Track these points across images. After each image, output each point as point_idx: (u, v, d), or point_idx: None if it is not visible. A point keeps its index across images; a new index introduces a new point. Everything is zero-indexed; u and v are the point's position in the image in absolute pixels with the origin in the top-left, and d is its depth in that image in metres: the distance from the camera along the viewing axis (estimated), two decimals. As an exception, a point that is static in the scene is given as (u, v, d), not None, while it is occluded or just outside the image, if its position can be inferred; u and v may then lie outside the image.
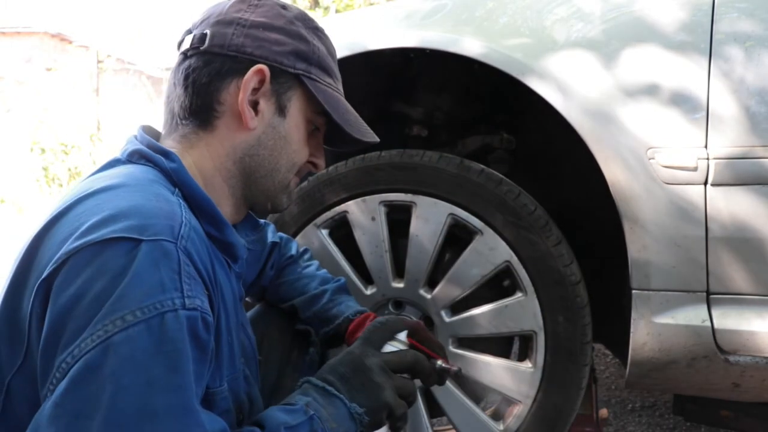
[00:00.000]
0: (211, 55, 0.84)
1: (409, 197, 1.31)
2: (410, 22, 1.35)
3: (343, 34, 1.36)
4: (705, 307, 1.16)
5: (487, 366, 1.32)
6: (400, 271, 1.34)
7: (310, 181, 1.38)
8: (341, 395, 0.81)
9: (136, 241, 0.65)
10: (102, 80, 12.80)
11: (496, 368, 1.31)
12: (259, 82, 0.84)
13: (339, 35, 1.25)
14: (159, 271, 0.65)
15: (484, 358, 1.32)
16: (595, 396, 1.51)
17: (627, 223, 1.17)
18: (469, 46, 1.25)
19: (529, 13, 1.26)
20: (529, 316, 1.28)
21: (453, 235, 1.33)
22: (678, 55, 1.15)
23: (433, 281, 1.33)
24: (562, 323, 1.27)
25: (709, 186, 1.13)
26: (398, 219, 1.34)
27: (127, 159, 0.82)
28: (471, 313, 1.31)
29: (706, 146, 1.13)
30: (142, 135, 0.85)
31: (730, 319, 1.16)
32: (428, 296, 1.32)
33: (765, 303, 1.15)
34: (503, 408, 1.35)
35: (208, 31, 0.84)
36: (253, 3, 0.87)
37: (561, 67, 1.20)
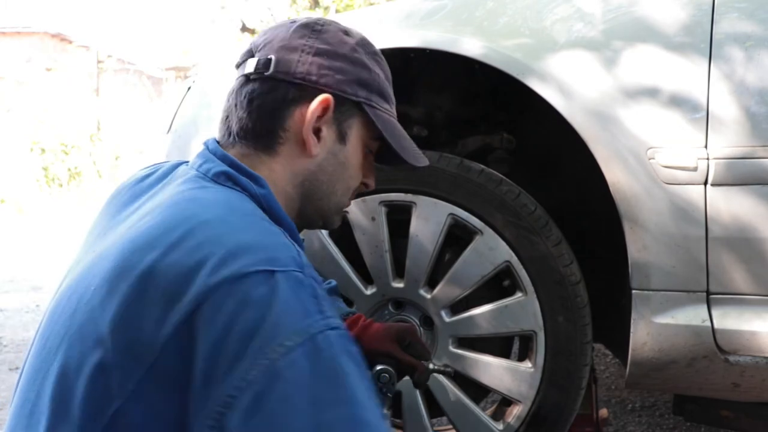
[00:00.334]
0: (275, 82, 0.84)
1: (409, 197, 1.31)
2: (410, 22, 1.35)
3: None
4: (705, 307, 1.16)
5: (487, 366, 1.32)
6: (400, 271, 1.34)
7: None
8: None
9: (271, 272, 0.66)
10: (102, 80, 12.81)
11: (496, 368, 1.32)
12: (323, 110, 0.84)
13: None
14: (300, 298, 0.66)
15: (484, 358, 1.32)
16: (595, 396, 1.51)
17: (627, 223, 1.17)
18: (469, 47, 1.25)
19: (529, 13, 1.27)
20: (529, 316, 1.28)
21: (453, 235, 1.33)
22: (678, 56, 1.15)
23: (433, 281, 1.33)
24: (562, 323, 1.27)
25: (709, 186, 1.13)
26: (398, 219, 1.34)
27: (212, 179, 0.81)
28: (471, 313, 1.31)
29: (706, 146, 1.13)
30: (222, 153, 0.84)
31: (730, 319, 1.16)
32: (428, 296, 1.32)
33: (765, 303, 1.15)
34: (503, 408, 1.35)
35: (273, 57, 0.84)
36: (316, 29, 0.87)
37: (561, 67, 1.20)
